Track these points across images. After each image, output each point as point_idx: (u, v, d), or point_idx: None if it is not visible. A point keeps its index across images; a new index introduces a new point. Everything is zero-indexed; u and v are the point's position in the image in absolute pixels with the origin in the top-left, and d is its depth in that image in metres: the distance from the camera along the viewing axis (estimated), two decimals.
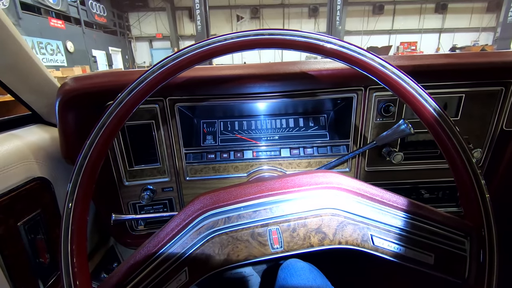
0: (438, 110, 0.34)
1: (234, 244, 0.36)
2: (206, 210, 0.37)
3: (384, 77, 0.34)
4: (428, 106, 0.34)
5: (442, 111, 0.34)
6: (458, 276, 0.35)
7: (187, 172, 0.66)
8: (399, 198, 0.38)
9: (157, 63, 0.34)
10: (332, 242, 0.36)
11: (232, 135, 0.68)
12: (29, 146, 0.55)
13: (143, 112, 0.60)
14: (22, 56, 0.56)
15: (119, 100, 0.33)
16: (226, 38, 0.33)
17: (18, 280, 0.49)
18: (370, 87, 0.61)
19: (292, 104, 0.67)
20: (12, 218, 0.49)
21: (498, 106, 0.63)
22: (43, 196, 0.57)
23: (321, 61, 0.57)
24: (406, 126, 0.54)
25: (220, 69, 0.57)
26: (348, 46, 0.34)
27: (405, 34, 14.14)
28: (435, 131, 0.35)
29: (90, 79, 0.54)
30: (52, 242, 0.58)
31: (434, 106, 0.34)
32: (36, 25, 7.83)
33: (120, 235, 0.71)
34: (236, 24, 14.12)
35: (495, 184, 0.70)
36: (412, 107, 0.35)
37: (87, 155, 0.33)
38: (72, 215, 0.32)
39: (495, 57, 0.59)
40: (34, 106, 0.65)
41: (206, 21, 8.32)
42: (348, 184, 0.38)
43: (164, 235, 0.36)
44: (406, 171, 0.69)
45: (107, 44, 11.94)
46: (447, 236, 0.36)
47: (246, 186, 0.39)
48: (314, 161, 0.66)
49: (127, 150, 0.63)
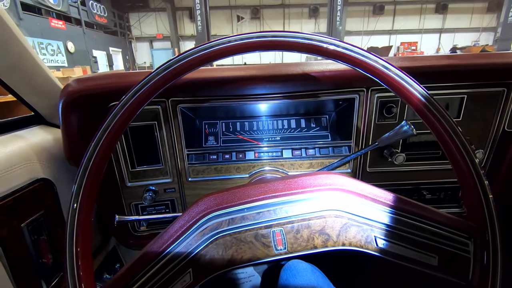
0: (441, 111, 0.34)
1: (238, 245, 0.36)
2: (210, 212, 0.37)
3: (387, 78, 0.34)
4: (431, 107, 0.34)
5: (445, 112, 0.34)
6: (461, 277, 0.35)
7: (189, 173, 0.66)
8: (403, 199, 0.38)
9: (162, 65, 0.34)
10: (336, 243, 0.36)
11: (234, 136, 0.69)
12: (32, 147, 0.55)
13: (145, 113, 0.60)
14: (25, 57, 0.56)
15: (124, 102, 0.33)
16: (230, 40, 0.34)
17: (21, 281, 0.50)
18: (372, 88, 0.61)
19: (294, 105, 0.67)
20: (15, 219, 0.50)
21: (500, 107, 0.63)
22: (46, 197, 0.57)
23: (323, 62, 0.57)
24: (408, 127, 0.54)
25: (222, 71, 0.57)
26: (351, 48, 0.34)
27: (405, 34, 14.14)
28: (438, 132, 0.35)
29: (93, 81, 0.54)
30: (55, 243, 0.58)
31: (437, 107, 0.34)
32: (36, 25, 7.84)
33: (122, 236, 0.71)
34: (237, 24, 14.14)
35: (497, 185, 0.71)
36: (414, 108, 0.35)
37: (92, 157, 0.33)
38: (77, 217, 0.32)
39: (496, 58, 0.59)
40: (37, 107, 0.65)
41: (206, 21, 8.32)
42: (352, 185, 0.39)
43: (169, 237, 0.36)
44: (408, 172, 0.69)
45: (108, 45, 11.95)
46: (450, 238, 0.36)
47: (250, 187, 0.39)
48: (316, 162, 0.66)
49: (130, 151, 0.63)
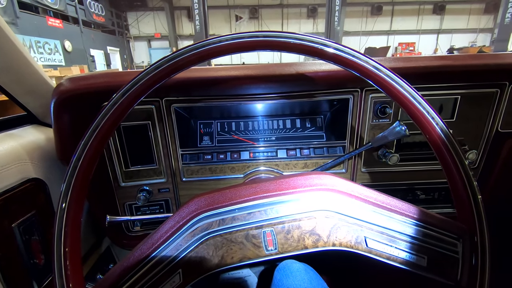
0: (430, 111, 0.34)
1: (228, 246, 0.35)
2: (201, 212, 0.37)
3: (378, 79, 0.34)
4: (420, 108, 0.34)
5: (434, 112, 0.34)
6: (450, 278, 0.35)
7: (183, 173, 0.66)
8: (393, 200, 0.38)
9: (152, 65, 0.34)
10: (326, 244, 0.36)
11: (229, 136, 0.68)
12: (24, 147, 0.55)
13: (139, 112, 0.60)
14: (17, 57, 0.56)
15: (114, 101, 0.33)
16: (221, 40, 0.33)
17: (12, 281, 0.49)
18: (366, 89, 0.62)
19: (289, 105, 0.67)
20: (6, 219, 0.49)
21: (494, 108, 0.64)
22: (38, 197, 0.56)
23: (316, 63, 0.57)
24: (401, 127, 0.55)
25: (216, 70, 0.57)
26: (342, 49, 0.34)
27: (403, 35, 14.18)
28: (428, 132, 0.35)
29: (85, 80, 0.54)
30: (47, 243, 0.57)
31: (427, 107, 0.34)
32: (34, 24, 7.78)
33: (116, 236, 0.71)
34: (235, 24, 14.12)
35: (491, 185, 0.71)
36: (404, 108, 0.35)
37: (81, 156, 0.33)
38: (66, 216, 0.32)
39: (490, 59, 0.60)
40: (30, 107, 0.65)
41: (204, 21, 8.30)
42: (342, 186, 0.39)
43: (158, 237, 0.36)
44: (402, 172, 0.69)
45: (105, 44, 11.89)
46: (439, 238, 0.36)
47: (241, 188, 0.39)
48: (310, 162, 0.66)
49: (123, 150, 0.63)
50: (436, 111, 0.35)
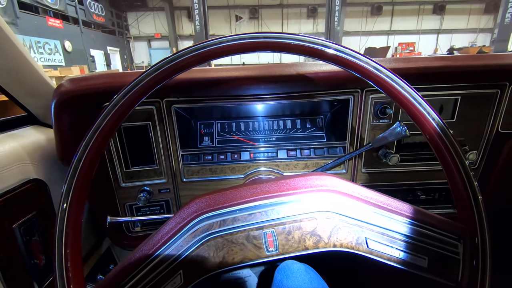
0: (430, 112, 0.34)
1: (229, 247, 0.36)
2: (202, 213, 0.37)
3: (378, 80, 0.34)
4: (420, 108, 0.34)
5: (435, 113, 0.34)
6: (451, 279, 0.35)
7: (183, 174, 0.66)
8: (393, 201, 0.38)
9: (153, 66, 0.34)
10: (327, 244, 0.36)
11: (229, 137, 0.68)
12: (24, 148, 0.55)
13: (139, 113, 0.60)
14: (17, 58, 0.56)
15: (115, 102, 0.33)
16: (222, 41, 0.33)
17: (12, 282, 0.49)
18: (367, 89, 0.62)
19: (289, 105, 0.67)
20: (7, 220, 0.49)
21: (494, 108, 0.64)
22: (38, 198, 0.56)
23: (317, 63, 0.57)
24: (401, 128, 0.55)
25: (216, 71, 0.57)
26: (343, 50, 0.34)
27: (403, 35, 14.18)
28: (428, 133, 0.35)
29: (86, 81, 0.54)
30: (48, 243, 0.57)
31: (427, 108, 0.34)
32: (34, 24, 7.78)
33: (117, 237, 0.71)
34: (235, 24, 14.12)
35: (491, 185, 0.71)
36: (405, 109, 0.35)
37: (82, 157, 0.33)
38: (67, 217, 0.32)
39: (490, 60, 0.60)
40: (30, 108, 0.65)
41: (204, 21, 8.30)
42: (343, 187, 0.39)
43: (159, 238, 0.36)
44: (403, 172, 0.69)
45: (106, 44, 11.89)
46: (440, 239, 0.36)
47: (242, 188, 0.39)
48: (311, 163, 0.66)
49: (124, 151, 0.63)
50: (436, 112, 0.35)
